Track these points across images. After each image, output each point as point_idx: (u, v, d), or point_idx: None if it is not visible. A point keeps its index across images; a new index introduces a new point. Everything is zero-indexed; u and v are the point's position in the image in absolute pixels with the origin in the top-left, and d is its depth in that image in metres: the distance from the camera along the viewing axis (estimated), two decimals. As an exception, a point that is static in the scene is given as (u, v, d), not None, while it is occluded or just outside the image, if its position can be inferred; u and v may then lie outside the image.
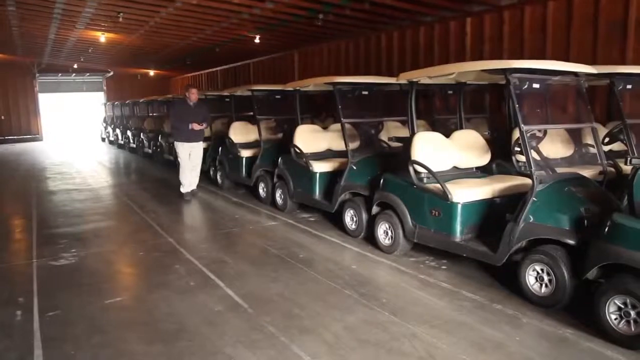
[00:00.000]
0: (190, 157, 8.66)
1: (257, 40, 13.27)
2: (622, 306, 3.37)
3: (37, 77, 25.15)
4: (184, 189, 8.81)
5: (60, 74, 26.12)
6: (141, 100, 17.39)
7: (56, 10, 10.66)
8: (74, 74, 26.20)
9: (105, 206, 8.55)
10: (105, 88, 28.77)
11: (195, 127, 8.36)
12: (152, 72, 25.69)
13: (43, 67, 23.51)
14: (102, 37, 13.80)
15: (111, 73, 26.93)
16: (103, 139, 24.08)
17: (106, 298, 4.38)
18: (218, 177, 10.00)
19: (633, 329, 3.31)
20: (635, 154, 5.08)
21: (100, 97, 28.51)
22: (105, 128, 23.55)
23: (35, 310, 4.11)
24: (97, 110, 26.10)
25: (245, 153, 8.92)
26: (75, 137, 26.26)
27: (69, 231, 6.72)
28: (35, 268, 5.21)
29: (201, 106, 8.74)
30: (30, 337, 3.65)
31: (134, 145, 17.47)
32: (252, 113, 9.00)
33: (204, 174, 10.69)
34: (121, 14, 10.56)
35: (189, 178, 8.79)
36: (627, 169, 4.62)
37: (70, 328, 3.80)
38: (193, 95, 8.54)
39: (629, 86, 5.51)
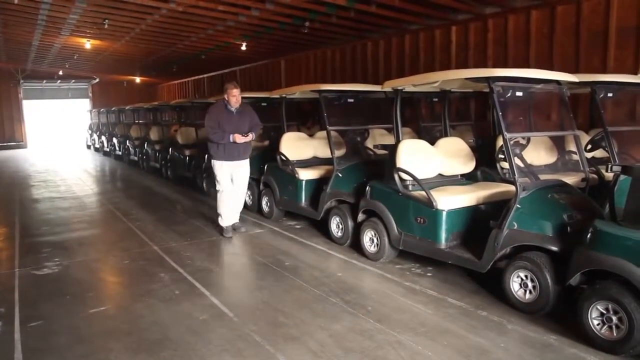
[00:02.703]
0: (232, 180, 6.64)
1: (243, 48, 13.29)
2: (604, 312, 3.40)
3: (22, 84, 24.90)
4: (223, 222, 6.68)
5: (44, 81, 25.92)
6: (127, 108, 17.30)
7: (40, 17, 10.60)
8: (59, 81, 26.02)
9: (90, 214, 8.47)
10: (90, 95, 28.59)
11: (239, 138, 6.31)
12: (138, 79, 25.60)
13: (27, 73, 23.30)
14: (88, 43, 13.74)
15: (97, 80, 26.79)
16: (89, 146, 23.89)
17: (90, 307, 4.33)
18: (204, 184, 9.95)
19: (615, 334, 3.35)
20: (617, 161, 5.14)
21: (85, 104, 28.32)
22: (91, 135, 23.37)
23: (17, 321, 4.05)
24: (83, 117, 25.91)
25: (232, 160, 8.86)
26: (60, 144, 26.00)
27: (53, 240, 6.64)
28: (17, 277, 5.14)
29: (246, 111, 6.62)
30: (11, 349, 3.59)
31: (120, 153, 17.38)
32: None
33: (190, 181, 10.67)
34: (107, 20, 10.53)
35: (230, 208, 6.74)
36: (609, 175, 4.69)
37: (53, 338, 3.75)
38: (234, 98, 6.36)
39: (610, 94, 5.60)
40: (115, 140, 18.16)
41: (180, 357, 3.43)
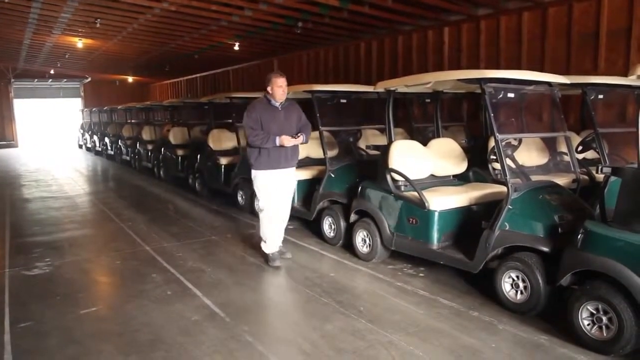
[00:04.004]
0: (275, 193, 5.32)
1: (236, 48, 13.28)
2: (594, 312, 3.42)
3: (12, 83, 24.76)
4: (267, 248, 5.45)
5: (36, 80, 25.77)
6: (119, 107, 17.23)
7: (32, 15, 10.53)
8: (50, 80, 25.88)
9: (82, 214, 8.42)
10: (82, 94, 28.46)
11: (287, 141, 5.08)
12: (130, 79, 25.50)
13: (18, 72, 23.15)
14: (79, 42, 13.67)
15: (89, 79, 26.67)
16: (80, 146, 23.78)
17: (81, 308, 4.30)
18: (197, 184, 9.94)
19: (605, 334, 3.37)
20: (607, 162, 5.19)
21: (77, 103, 28.17)
22: (83, 135, 23.27)
23: (7, 322, 4.02)
24: (75, 117, 25.77)
25: (224, 160, 8.88)
26: (51, 143, 25.85)
27: (44, 240, 6.60)
28: (7, 278, 5.10)
29: (292, 108, 5.39)
30: (1, 350, 3.57)
31: (112, 152, 17.34)
32: (230, 120, 8.98)
33: (182, 182, 10.64)
34: (98, 20, 10.48)
35: (274, 228, 5.43)
36: (599, 177, 4.72)
37: (44, 340, 3.72)
38: (280, 90, 5.13)
39: (600, 96, 5.65)
40: (107, 139, 18.11)
41: (171, 358, 3.42)
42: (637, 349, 3.31)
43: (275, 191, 5.29)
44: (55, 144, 25.54)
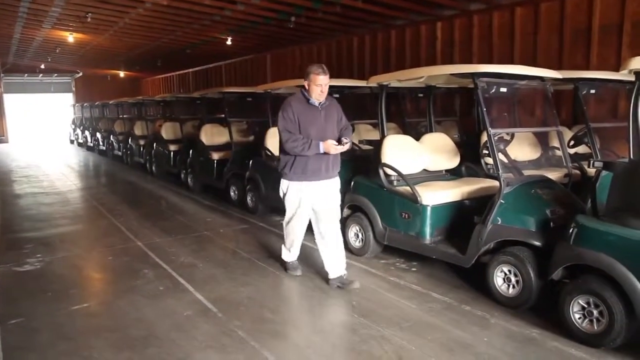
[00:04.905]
0: (314, 210, 4.56)
1: (228, 42, 13.22)
2: (586, 305, 3.44)
3: (2, 78, 24.50)
4: (287, 257, 4.96)
5: (26, 75, 25.54)
6: (111, 102, 17.14)
7: (21, 9, 10.43)
8: (41, 75, 25.65)
9: (73, 210, 8.37)
10: (74, 89, 28.27)
11: (332, 148, 4.25)
12: (122, 74, 25.31)
13: (8, 67, 22.95)
14: (70, 37, 13.55)
15: (80, 74, 26.46)
16: (72, 141, 23.64)
17: (73, 304, 4.28)
18: (189, 180, 9.91)
19: (596, 328, 3.39)
20: (599, 157, 5.21)
21: (69, 98, 27.97)
22: (74, 130, 23.14)
23: (-2, 318, 4.00)
24: (66, 112, 25.59)
25: (216, 156, 8.85)
26: (42, 139, 25.67)
27: (35, 236, 6.56)
28: (-2, 274, 5.07)
29: (333, 107, 4.52)
30: (-8, 346, 3.55)
31: (104, 148, 17.27)
32: (223, 115, 8.95)
33: (175, 177, 10.60)
34: (89, 14, 10.40)
35: (300, 241, 4.88)
36: (591, 171, 4.73)
37: (35, 336, 3.70)
38: (317, 91, 4.29)
39: (592, 91, 5.68)
40: (98, 135, 18.02)
41: (164, 354, 3.40)
42: (626, 342, 3.34)
43: (311, 207, 4.52)
44: (46, 140, 25.36)
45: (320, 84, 4.25)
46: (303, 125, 4.29)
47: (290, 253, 4.92)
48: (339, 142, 4.29)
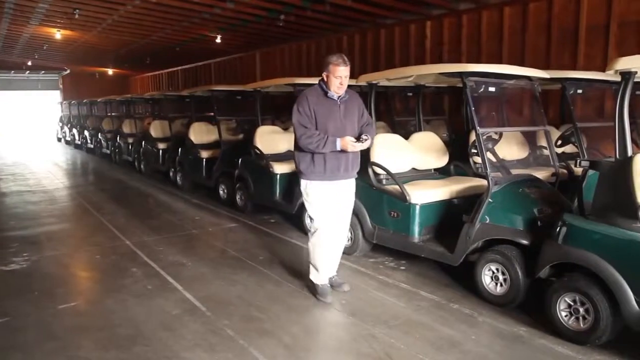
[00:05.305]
0: (332, 209, 4.20)
1: (218, 40, 13.16)
2: (572, 303, 3.47)
3: (-12, 75, 24.27)
4: (319, 278, 4.31)
5: (13, 71, 25.27)
6: (99, 100, 17.02)
7: (7, 5, 10.28)
8: (28, 72, 25.40)
9: (60, 208, 8.30)
10: (61, 86, 27.97)
11: (350, 145, 3.97)
12: (110, 71, 25.11)
13: (-6, 64, 22.69)
14: (58, 33, 13.39)
15: (68, 71, 26.20)
16: (59, 139, 23.43)
17: (59, 303, 4.24)
18: (178, 178, 9.86)
19: (582, 325, 3.43)
20: (586, 156, 5.25)
21: (56, 95, 27.70)
22: (62, 128, 22.94)
23: (-17, 318, 3.96)
24: (53, 109, 25.35)
25: (205, 154, 8.82)
26: (29, 136, 25.43)
27: (21, 234, 6.49)
28: (-17, 273, 5.02)
29: (354, 102, 4.20)
30: (-23, 346, 3.51)
31: (92, 146, 17.16)
32: (212, 114, 8.91)
33: (163, 175, 10.55)
34: (77, 10, 10.27)
35: (330, 255, 4.33)
36: (578, 170, 4.77)
37: (21, 335, 3.66)
38: (336, 83, 3.98)
39: (579, 90, 5.72)
40: (86, 133, 17.88)
41: (152, 353, 3.39)
42: (612, 339, 3.37)
43: (331, 206, 4.18)
44: (33, 137, 25.11)
45: (339, 76, 3.94)
46: (320, 120, 4.00)
47: (320, 273, 4.28)
48: (358, 139, 4.02)
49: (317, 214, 4.19)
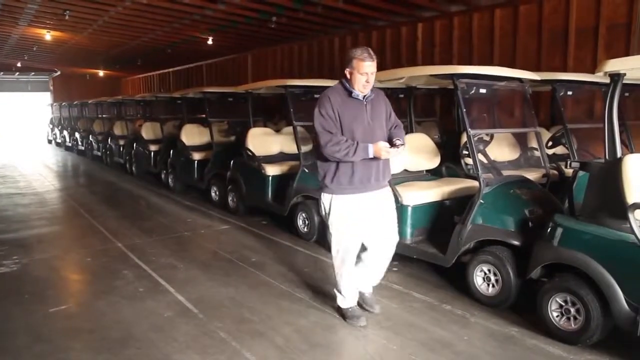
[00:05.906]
0: (361, 225, 3.67)
1: (209, 42, 13.13)
2: (563, 304, 3.49)
3: (-23, 76, 24.07)
4: (345, 301, 3.87)
5: (2, 73, 25.10)
6: (90, 101, 16.93)
7: (-4, 6, 10.23)
8: (17, 73, 25.23)
9: (51, 211, 8.24)
10: (51, 88, 27.79)
11: (385, 152, 3.49)
12: (101, 73, 24.97)
13: (-17, 65, 22.51)
14: (48, 35, 13.32)
15: (58, 72, 26.04)
16: (50, 141, 23.30)
17: (50, 306, 4.21)
18: (170, 180, 9.83)
19: (573, 325, 3.45)
20: (576, 158, 5.29)
21: (46, 97, 27.51)
22: (52, 130, 22.81)
23: (-28, 321, 3.92)
24: (44, 111, 25.18)
25: (197, 156, 8.80)
26: (19, 138, 25.23)
27: (11, 237, 6.43)
28: (-27, 276, 4.97)
29: (380, 102, 3.78)
30: (-34, 350, 3.47)
31: (83, 148, 17.06)
32: (204, 115, 8.89)
33: (155, 177, 10.51)
34: (67, 11, 10.22)
35: (358, 274, 3.86)
36: (568, 172, 4.80)
37: (10, 339, 3.64)
38: (362, 81, 3.52)
39: (569, 92, 5.75)
40: (77, 135, 17.79)
41: (144, 355, 3.37)
42: (602, 339, 3.40)
43: (359, 224, 3.65)
44: (23, 139, 24.93)
45: (366, 72, 3.48)
46: (345, 123, 3.50)
47: (346, 298, 3.85)
48: (391, 144, 3.57)
49: (341, 232, 3.68)
